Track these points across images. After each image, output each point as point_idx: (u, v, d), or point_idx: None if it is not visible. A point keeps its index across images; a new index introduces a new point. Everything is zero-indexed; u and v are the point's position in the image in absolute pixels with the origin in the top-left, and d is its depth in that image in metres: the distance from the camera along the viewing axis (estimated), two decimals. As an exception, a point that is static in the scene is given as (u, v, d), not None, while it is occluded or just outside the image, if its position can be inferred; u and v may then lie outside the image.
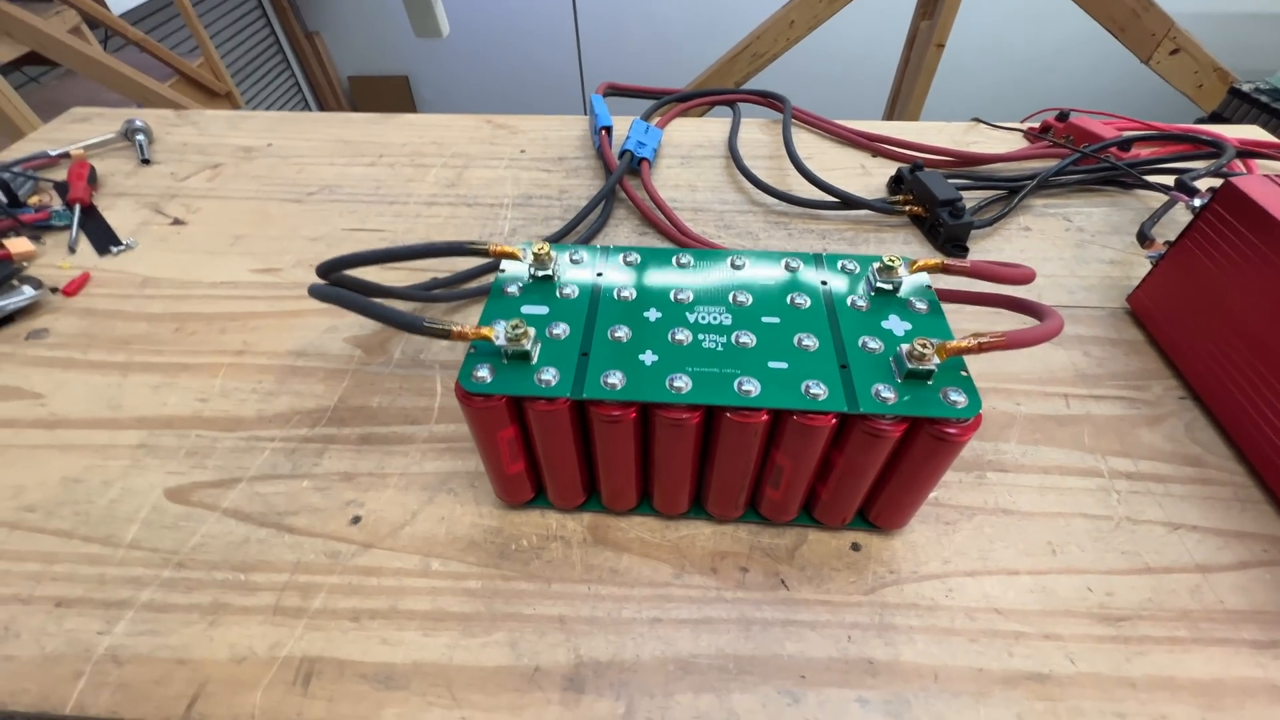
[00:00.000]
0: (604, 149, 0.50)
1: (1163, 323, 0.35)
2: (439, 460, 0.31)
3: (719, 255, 0.27)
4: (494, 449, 0.24)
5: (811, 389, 0.22)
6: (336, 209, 0.47)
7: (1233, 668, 0.24)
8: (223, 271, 0.41)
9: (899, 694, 0.23)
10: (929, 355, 0.21)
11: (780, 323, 0.24)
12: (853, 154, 0.52)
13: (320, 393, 0.34)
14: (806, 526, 0.28)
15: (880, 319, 0.24)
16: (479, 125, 0.57)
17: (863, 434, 0.22)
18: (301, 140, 0.55)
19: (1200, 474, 0.30)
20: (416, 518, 0.28)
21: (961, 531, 0.28)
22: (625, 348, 0.23)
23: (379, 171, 0.51)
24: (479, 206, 0.47)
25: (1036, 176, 0.45)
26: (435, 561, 0.27)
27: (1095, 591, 0.26)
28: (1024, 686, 0.23)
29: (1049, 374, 0.34)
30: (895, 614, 0.25)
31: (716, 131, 0.55)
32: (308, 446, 0.31)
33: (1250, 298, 0.30)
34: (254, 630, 0.25)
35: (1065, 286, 0.40)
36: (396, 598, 0.26)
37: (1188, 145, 0.46)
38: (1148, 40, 0.95)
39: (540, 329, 0.24)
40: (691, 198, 0.48)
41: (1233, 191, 0.31)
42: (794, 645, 0.24)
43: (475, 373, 0.22)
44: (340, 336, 0.37)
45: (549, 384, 0.22)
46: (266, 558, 0.27)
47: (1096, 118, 0.51)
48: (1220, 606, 0.25)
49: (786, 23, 0.95)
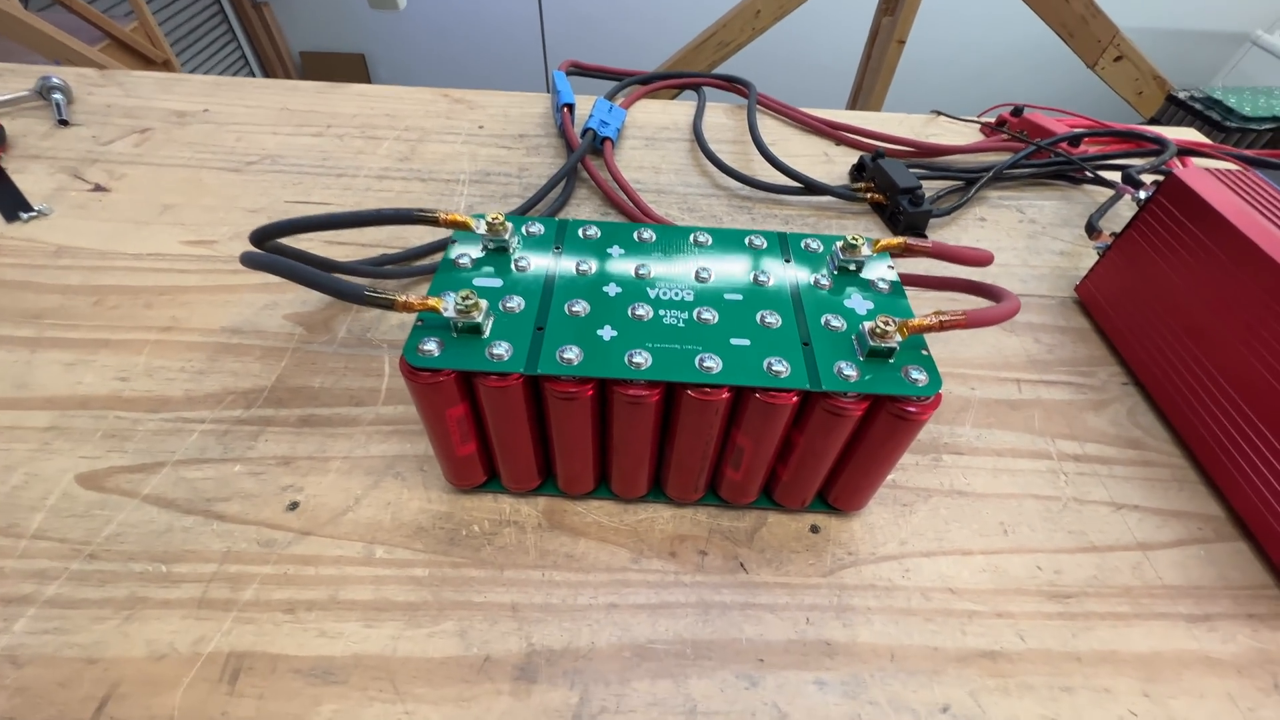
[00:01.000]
0: (566, 127, 0.48)
1: (1108, 311, 0.36)
2: (385, 443, 0.29)
3: (682, 231, 0.27)
4: (442, 429, 0.23)
5: (774, 366, 0.21)
6: (279, 180, 0.44)
7: (1170, 641, 0.24)
8: (149, 242, 0.38)
9: (856, 675, 0.23)
10: (891, 333, 0.21)
11: (743, 300, 0.24)
12: (816, 141, 0.52)
13: (257, 372, 0.32)
14: (766, 509, 0.27)
15: (843, 297, 0.24)
16: (435, 99, 0.55)
17: (824, 412, 0.22)
18: (241, 107, 0.51)
19: (1141, 456, 0.31)
20: (360, 503, 0.27)
21: (918, 513, 0.28)
22: (583, 323, 0.22)
23: (326, 142, 0.48)
24: (433, 182, 0.45)
25: (992, 169, 0.46)
26: (379, 549, 0.25)
27: (1044, 570, 0.26)
28: (977, 664, 0.23)
29: (1002, 359, 0.35)
30: (853, 595, 0.25)
31: (681, 114, 0.54)
32: (241, 429, 0.29)
33: (1189, 287, 0.31)
34: (175, 625, 0.23)
35: (1018, 276, 0.41)
36: (336, 587, 0.24)
37: (1133, 143, 0.48)
38: (1094, 46, 0.99)
39: (493, 302, 0.23)
40: (655, 179, 0.47)
41: (1176, 184, 0.32)
42: (752, 628, 0.24)
43: (421, 346, 0.21)
44: (280, 313, 0.35)
45: (501, 358, 0.21)
46: (192, 547, 0.25)
47: (1050, 114, 0.52)
48: (1159, 582, 0.26)
49: (753, 12, 0.95)
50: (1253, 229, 0.28)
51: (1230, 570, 0.27)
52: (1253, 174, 0.32)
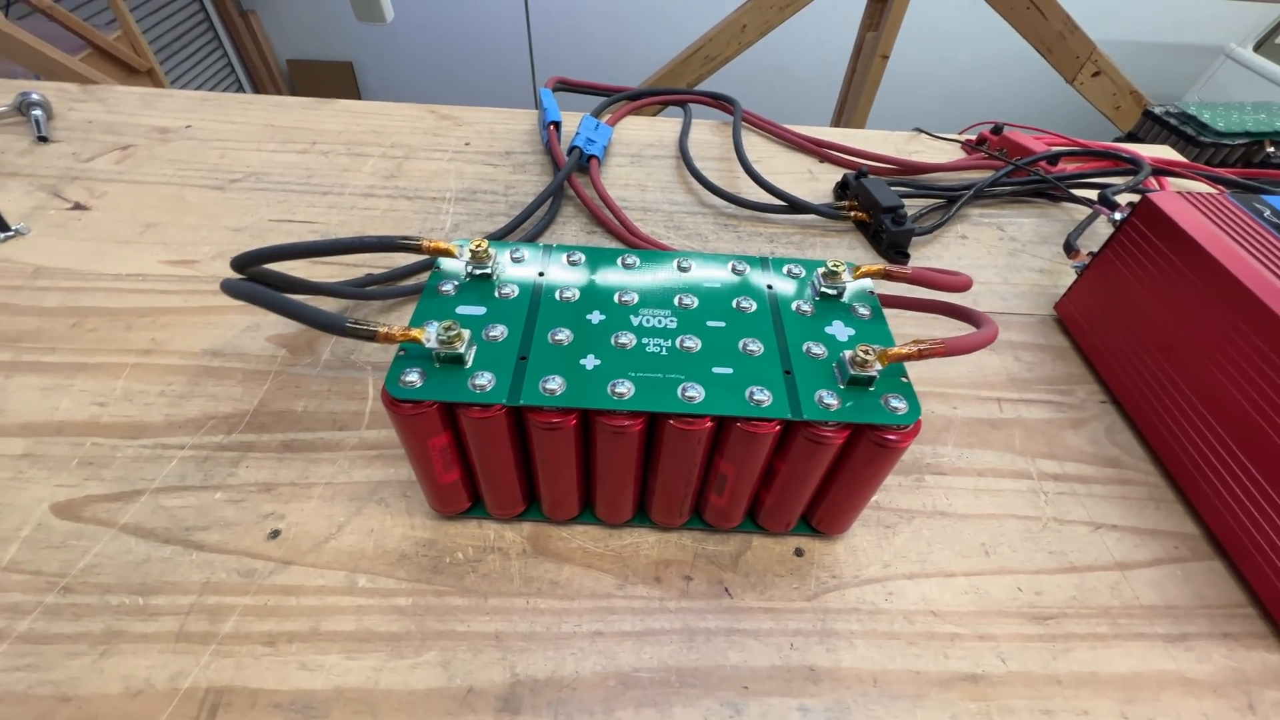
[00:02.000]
0: (552, 144, 0.48)
1: (1086, 329, 0.37)
2: (369, 468, 0.29)
3: (665, 256, 0.27)
4: (425, 458, 0.23)
5: (755, 395, 0.21)
6: (264, 198, 0.44)
7: (1149, 661, 0.25)
8: (130, 262, 0.38)
9: (840, 700, 0.23)
10: (871, 362, 0.21)
11: (725, 327, 0.24)
12: (801, 159, 0.53)
13: (238, 396, 0.31)
14: (750, 533, 0.27)
15: (824, 324, 0.24)
16: (422, 115, 0.55)
17: (806, 440, 0.22)
18: (225, 123, 0.51)
19: (1119, 474, 0.31)
20: (343, 530, 0.27)
21: (901, 535, 0.28)
22: (566, 351, 0.22)
23: (311, 159, 0.48)
24: (420, 200, 0.45)
25: (973, 187, 0.47)
26: (362, 578, 0.25)
27: (1025, 591, 0.27)
28: (959, 688, 0.23)
29: (983, 379, 0.35)
30: (837, 619, 0.25)
31: (668, 131, 0.55)
32: (222, 455, 0.29)
33: (1163, 307, 0.31)
34: (153, 660, 0.22)
35: (999, 294, 0.41)
36: (318, 618, 0.24)
37: (1109, 162, 0.49)
38: (1072, 62, 1.01)
39: (476, 331, 0.23)
40: (641, 197, 0.47)
41: (1150, 207, 0.33)
42: (737, 655, 0.24)
43: (404, 377, 0.21)
44: (263, 335, 0.34)
45: (484, 389, 0.21)
46: (170, 578, 0.25)
47: (1028, 132, 0.53)
48: (1137, 602, 0.26)
49: (739, 27, 0.96)
50: (1223, 253, 0.29)
51: (1206, 589, 0.27)
52: (1226, 198, 0.33)
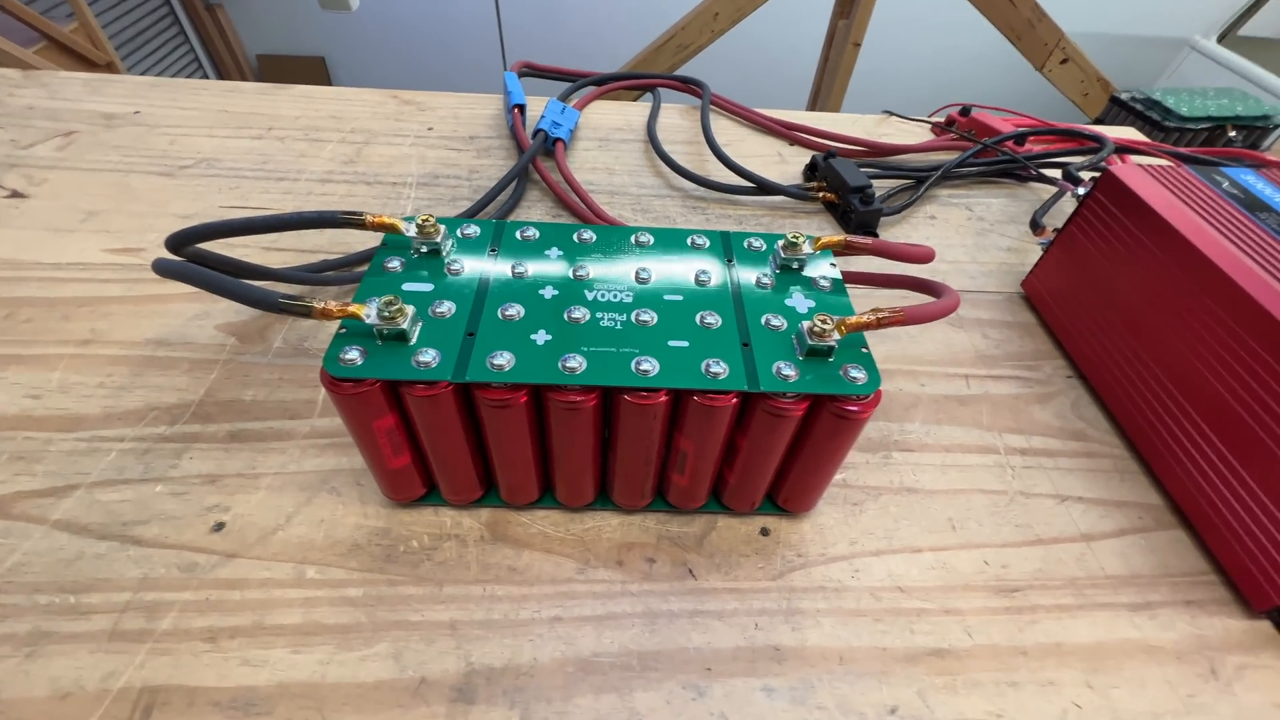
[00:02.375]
0: (516, 128, 0.47)
1: (1052, 305, 0.37)
2: (321, 457, 0.28)
3: (623, 232, 0.26)
4: (372, 441, 0.22)
5: (712, 368, 0.21)
6: (215, 184, 0.42)
7: (1114, 630, 0.25)
8: (70, 251, 0.36)
9: (804, 679, 0.22)
10: (829, 331, 0.21)
11: (683, 300, 0.23)
12: (771, 141, 0.52)
13: (184, 386, 0.30)
14: (716, 513, 0.27)
15: (784, 296, 0.24)
16: (383, 100, 0.53)
17: (765, 413, 0.21)
18: (176, 109, 0.49)
19: (1085, 448, 0.31)
20: (292, 521, 0.25)
21: (868, 512, 0.28)
22: (516, 327, 0.21)
23: (267, 145, 0.46)
24: (379, 185, 0.44)
25: (941, 167, 0.47)
26: (311, 569, 0.24)
27: (991, 565, 0.26)
28: (925, 663, 0.23)
29: (951, 355, 0.35)
30: (802, 598, 0.25)
31: (636, 115, 0.54)
32: (164, 447, 0.27)
33: (1126, 280, 0.31)
34: (83, 660, 0.21)
35: (967, 272, 0.41)
36: (263, 612, 0.23)
37: (1074, 141, 0.49)
38: (1041, 49, 1.02)
39: (422, 307, 0.22)
40: (609, 181, 0.46)
41: (1111, 180, 0.33)
42: (700, 637, 0.23)
43: (343, 355, 0.20)
44: (212, 324, 0.33)
45: (428, 366, 0.20)
46: (105, 575, 0.23)
47: (996, 113, 0.53)
48: (1102, 573, 0.26)
49: (711, 15, 0.95)
50: (1182, 222, 0.29)
51: (1170, 558, 0.27)
52: (1183, 169, 0.33)
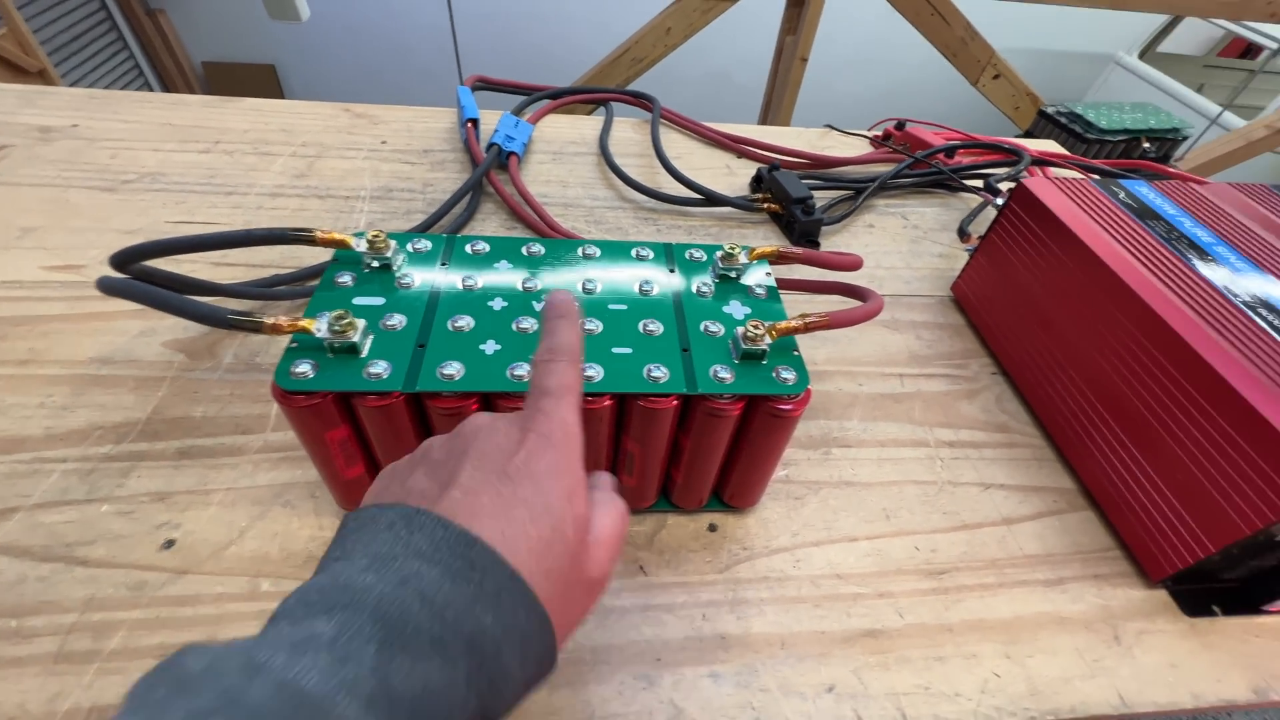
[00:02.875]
0: (470, 141, 0.48)
1: (977, 307, 0.40)
2: (274, 471, 0.28)
3: (570, 245, 0.27)
4: (325, 453, 0.23)
5: (653, 372, 0.22)
6: (160, 199, 0.42)
7: (1029, 605, 0.27)
8: (5, 269, 0.35)
9: (749, 664, 0.24)
10: (761, 336, 0.22)
11: (627, 309, 0.24)
12: (720, 155, 0.54)
13: (130, 404, 0.30)
14: (665, 512, 0.28)
15: (722, 304, 0.25)
16: (336, 114, 0.53)
17: (705, 414, 0.23)
18: (118, 122, 0.48)
19: (1007, 439, 0.34)
20: (245, 536, 0.26)
21: (809, 505, 0.29)
22: (466, 338, 0.22)
23: (215, 159, 0.46)
24: (332, 199, 0.44)
25: (878, 179, 0.49)
26: (265, 582, 0.24)
27: (921, 550, 0.28)
28: (860, 643, 0.25)
29: (887, 356, 0.37)
30: (747, 588, 0.26)
31: (589, 129, 0.55)
32: (110, 466, 0.27)
33: (1039, 283, 0.34)
34: (27, 684, 0.21)
35: (902, 277, 0.44)
36: (216, 627, 0.23)
37: (998, 154, 0.52)
38: (974, 65, 1.08)
39: (373, 320, 0.22)
40: (562, 193, 0.47)
41: (1024, 191, 0.35)
42: (650, 630, 0.24)
43: (294, 369, 0.20)
44: (158, 341, 0.33)
45: (379, 377, 0.21)
46: (49, 598, 0.23)
47: (929, 128, 0.56)
48: (1020, 553, 0.29)
49: (664, 29, 0.98)
50: (1083, 230, 0.32)
51: (1080, 536, 0.30)
52: (1088, 183, 0.36)
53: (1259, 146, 1.24)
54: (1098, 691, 0.24)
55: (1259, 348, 0.25)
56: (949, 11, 1.01)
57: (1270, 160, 1.39)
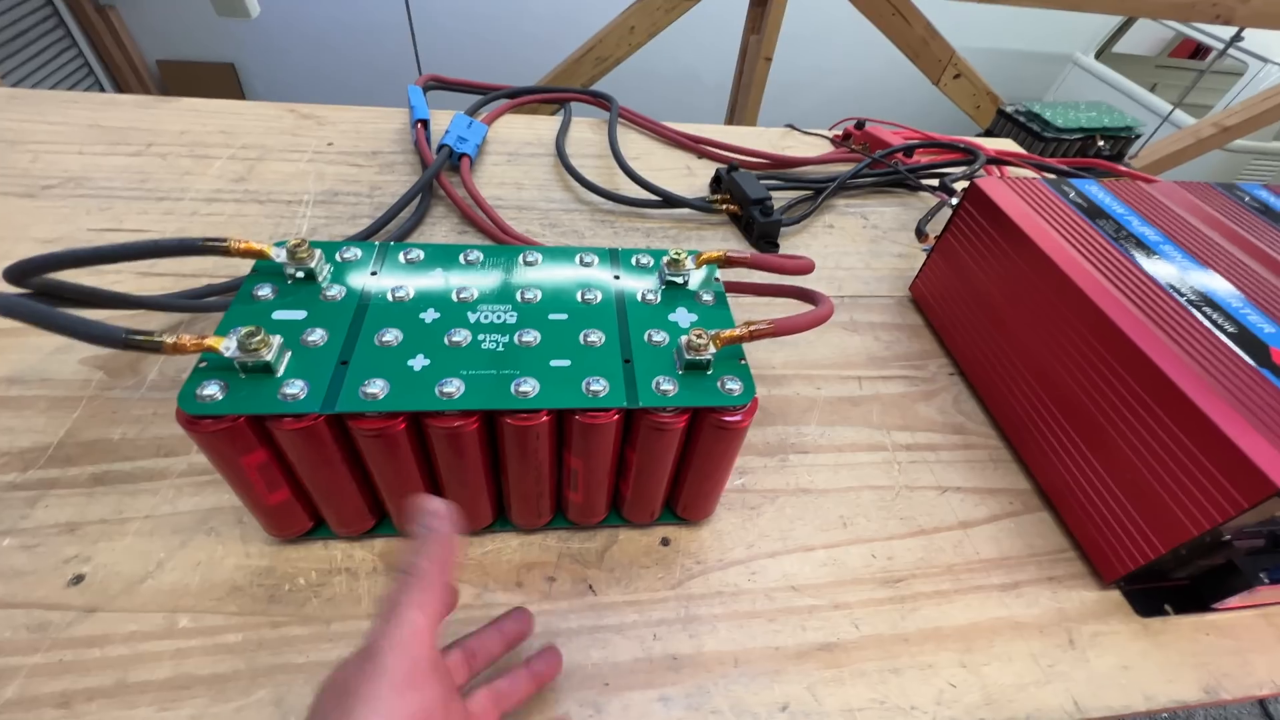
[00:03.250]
0: (420, 143, 0.46)
1: (935, 307, 0.39)
2: (198, 496, 0.26)
3: (510, 251, 0.26)
4: (243, 479, 0.21)
5: (592, 386, 0.21)
6: (83, 205, 0.39)
7: (985, 610, 0.26)
8: (-94, 283, 0.33)
9: (700, 685, 0.23)
10: (705, 345, 0.22)
11: (568, 319, 0.23)
12: (679, 155, 0.54)
13: (40, 427, 0.28)
14: (617, 527, 0.27)
15: (668, 312, 0.24)
16: (280, 114, 0.51)
17: (648, 428, 0.22)
18: (41, 123, 0.45)
19: (964, 440, 0.33)
20: (163, 567, 0.24)
21: (765, 515, 0.29)
22: (393, 353, 0.21)
23: (146, 162, 0.44)
24: (272, 204, 0.42)
25: (837, 179, 0.49)
26: (184, 617, 0.23)
27: (878, 557, 0.28)
28: (815, 658, 0.24)
29: (845, 359, 0.37)
30: (700, 605, 0.25)
31: (546, 130, 0.54)
32: (15, 495, 0.25)
33: (994, 283, 0.34)
34: (-94, 742, 0.19)
35: (861, 278, 0.43)
36: (126, 669, 0.21)
37: (956, 153, 0.53)
38: (936, 65, 1.09)
39: (292, 336, 0.21)
40: (517, 196, 0.46)
41: (976, 191, 0.35)
42: (599, 652, 0.23)
43: (200, 391, 0.19)
44: (75, 358, 0.31)
45: (295, 398, 0.19)
46: (-63, 643, 0.21)
47: (888, 127, 0.56)
48: (976, 557, 0.28)
49: (627, 28, 0.97)
50: (1034, 230, 0.32)
51: (1035, 538, 0.29)
52: (1040, 183, 0.36)
53: (1208, 144, 1.28)
54: (1052, 697, 0.24)
55: (1202, 346, 0.26)
56: (909, 12, 1.02)
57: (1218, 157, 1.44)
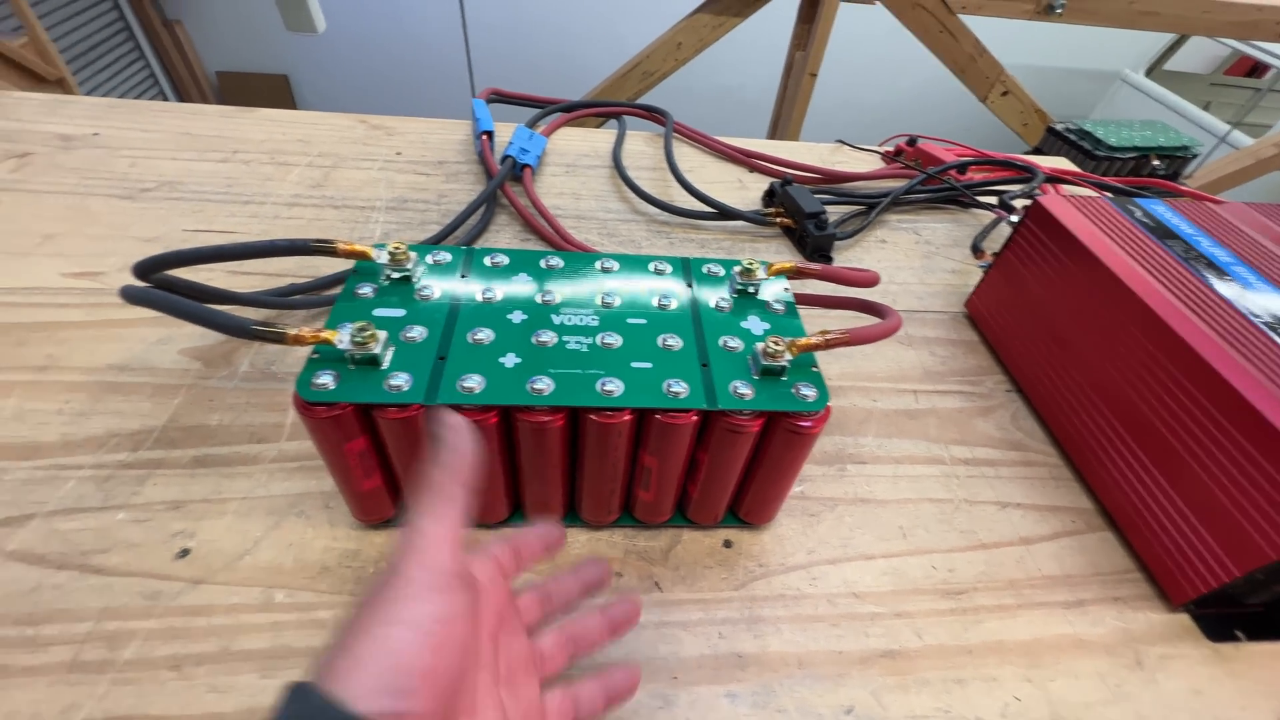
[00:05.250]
0: (485, 154, 0.48)
1: (992, 324, 0.39)
2: (289, 481, 0.28)
3: (588, 258, 0.27)
4: (343, 464, 0.22)
5: (673, 387, 0.22)
6: (178, 208, 0.42)
7: (1049, 627, 0.26)
8: (25, 275, 0.36)
9: (766, 684, 0.23)
10: (781, 352, 0.22)
11: (646, 324, 0.24)
12: (731, 169, 0.55)
13: (146, 411, 0.30)
14: (680, 527, 0.28)
15: (740, 319, 0.25)
16: (352, 125, 0.54)
17: (724, 430, 0.22)
18: (137, 131, 0.49)
19: (1023, 457, 0.33)
20: (259, 546, 0.26)
21: (825, 522, 0.29)
22: (486, 350, 0.22)
23: (232, 169, 0.46)
24: (347, 209, 0.44)
25: (890, 194, 0.49)
26: (280, 593, 0.24)
27: (939, 569, 0.28)
28: (878, 664, 0.25)
29: (901, 372, 0.37)
30: (764, 606, 0.26)
31: (602, 142, 0.56)
32: (126, 474, 0.27)
33: (1055, 300, 0.34)
34: (40, 694, 0.21)
35: (915, 293, 0.44)
36: (230, 638, 0.23)
37: (1011, 171, 0.52)
38: (983, 82, 1.09)
39: (394, 332, 0.22)
40: (575, 205, 0.48)
41: (1040, 209, 0.35)
42: (666, 647, 0.24)
43: (315, 380, 0.20)
44: (175, 349, 0.33)
45: (400, 389, 0.21)
46: (64, 605, 0.23)
47: (941, 144, 0.57)
48: (1039, 573, 0.28)
49: (674, 44, 0.99)
50: (1101, 249, 0.32)
51: (1099, 558, 0.29)
52: (1104, 201, 0.36)
53: (1269, 164, 1.24)
54: (1121, 718, 0.24)
55: None
56: (958, 29, 1.01)
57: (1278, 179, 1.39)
